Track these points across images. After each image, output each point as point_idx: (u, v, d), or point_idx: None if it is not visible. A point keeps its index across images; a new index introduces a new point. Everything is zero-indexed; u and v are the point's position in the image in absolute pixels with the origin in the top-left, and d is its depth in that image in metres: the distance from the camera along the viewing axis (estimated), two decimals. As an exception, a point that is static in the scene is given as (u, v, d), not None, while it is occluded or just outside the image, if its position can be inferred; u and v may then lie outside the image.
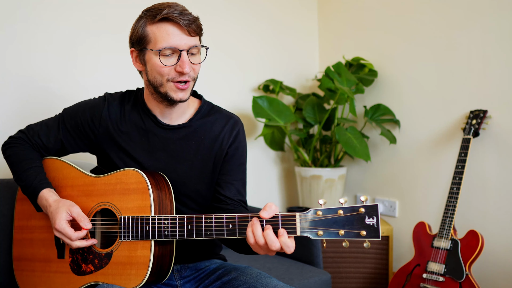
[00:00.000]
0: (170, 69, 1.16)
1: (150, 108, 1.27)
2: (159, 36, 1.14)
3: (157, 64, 1.16)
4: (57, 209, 1.16)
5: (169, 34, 1.14)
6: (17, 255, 1.35)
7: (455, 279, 1.85)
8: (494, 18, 2.01)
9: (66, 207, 1.16)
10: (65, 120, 1.30)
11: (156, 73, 1.17)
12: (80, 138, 1.30)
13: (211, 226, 1.06)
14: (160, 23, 1.15)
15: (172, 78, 1.17)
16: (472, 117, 2.02)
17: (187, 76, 1.17)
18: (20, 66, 1.76)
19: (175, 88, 1.18)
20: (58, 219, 1.14)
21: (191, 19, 1.15)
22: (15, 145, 1.30)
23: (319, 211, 0.97)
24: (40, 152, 1.32)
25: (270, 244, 0.97)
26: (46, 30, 1.81)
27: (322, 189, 2.39)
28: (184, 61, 1.15)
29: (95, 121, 1.28)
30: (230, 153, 1.30)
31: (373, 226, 0.93)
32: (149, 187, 1.15)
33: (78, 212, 1.16)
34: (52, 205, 1.18)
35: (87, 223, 1.16)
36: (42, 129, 1.31)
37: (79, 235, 1.14)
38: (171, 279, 1.29)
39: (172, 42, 1.14)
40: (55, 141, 1.30)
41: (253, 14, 2.52)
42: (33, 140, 1.30)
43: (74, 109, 1.32)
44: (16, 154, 1.28)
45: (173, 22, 1.14)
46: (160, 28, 1.15)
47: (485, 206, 2.06)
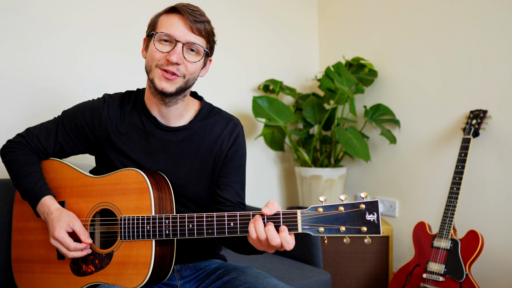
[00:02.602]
0: (162, 55, 1.16)
1: (150, 109, 1.27)
2: (164, 23, 1.17)
3: (152, 48, 1.17)
4: (59, 218, 1.17)
5: (172, 24, 1.16)
6: (16, 257, 1.34)
7: (455, 279, 1.85)
8: (494, 18, 2.01)
9: (68, 218, 1.17)
10: (64, 122, 1.30)
11: (149, 57, 1.19)
12: (79, 140, 1.30)
13: (212, 225, 1.07)
14: (170, 13, 1.18)
15: (160, 65, 1.16)
16: (472, 117, 2.02)
17: (175, 68, 1.16)
18: (21, 67, 1.76)
19: (161, 76, 1.17)
20: (58, 228, 1.15)
21: (200, 19, 1.17)
22: (14, 149, 1.29)
23: (320, 208, 0.98)
24: (39, 155, 1.31)
25: (270, 239, 0.98)
26: (47, 31, 1.81)
27: (322, 189, 2.39)
28: (176, 51, 1.15)
29: (95, 123, 1.27)
30: (230, 156, 1.30)
31: (373, 222, 0.95)
32: (149, 187, 1.14)
33: (80, 227, 1.17)
34: (54, 213, 1.18)
35: (87, 238, 1.17)
36: (41, 133, 1.30)
37: (78, 246, 1.15)
38: (171, 279, 1.29)
39: (171, 30, 1.15)
40: (54, 144, 1.30)
41: (253, 14, 2.52)
42: (32, 144, 1.29)
43: (73, 111, 1.31)
44: (16, 159, 1.27)
45: (180, 15, 1.16)
46: (167, 17, 1.18)
47: (485, 206, 2.06)
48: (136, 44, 1.61)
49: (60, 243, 1.15)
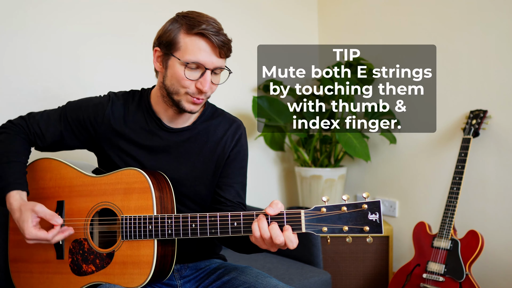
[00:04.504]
0: (191, 82, 1.16)
1: (156, 110, 1.27)
2: (191, 49, 1.14)
3: (180, 75, 1.15)
4: (21, 216, 1.11)
5: (201, 50, 1.14)
6: (13, 257, 1.32)
7: (455, 279, 1.85)
8: (494, 18, 2.01)
9: (29, 211, 1.11)
10: (68, 112, 1.28)
11: (176, 81, 1.17)
12: (80, 132, 1.28)
13: (216, 224, 1.07)
14: (195, 36, 1.14)
15: (191, 93, 1.17)
16: (472, 117, 2.02)
17: (204, 95, 1.19)
18: (21, 68, 1.75)
19: (190, 101, 1.19)
20: (26, 228, 1.10)
21: (225, 41, 1.17)
22: (10, 132, 1.25)
23: (323, 208, 1.00)
24: (35, 141, 1.27)
25: (274, 237, 0.99)
26: (47, 32, 1.81)
27: (322, 189, 2.39)
28: (207, 80, 1.16)
29: (98, 118, 1.27)
30: (232, 156, 1.31)
31: (375, 221, 0.96)
32: (151, 186, 1.14)
33: (44, 211, 1.11)
34: (16, 213, 1.12)
35: (57, 219, 1.12)
36: (43, 118, 1.28)
37: (54, 233, 1.11)
38: (171, 278, 1.29)
39: (201, 58, 1.14)
40: (54, 132, 1.27)
41: (254, 14, 2.52)
42: (31, 128, 1.26)
43: (78, 103, 1.30)
44: (6, 142, 1.22)
45: (207, 40, 1.14)
46: (193, 41, 1.14)
47: (485, 206, 2.06)
48: (140, 48, 1.60)
49: (37, 240, 1.11)
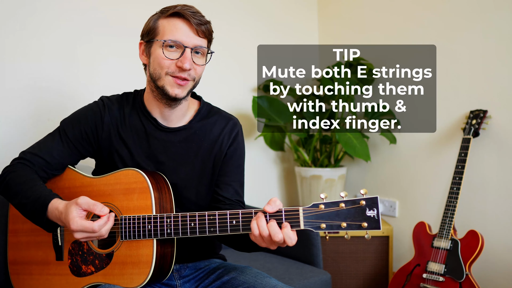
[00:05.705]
0: (171, 62, 1.16)
1: (150, 110, 1.27)
2: (168, 29, 1.16)
3: (160, 56, 1.16)
4: (67, 211, 1.08)
5: (178, 29, 1.16)
6: (12, 259, 1.32)
7: (455, 279, 1.85)
8: (494, 18, 2.01)
9: (73, 205, 1.08)
10: (66, 130, 1.25)
11: (157, 64, 1.18)
12: (82, 145, 1.26)
13: (215, 223, 1.07)
14: (171, 18, 1.17)
15: (171, 72, 1.17)
16: (472, 117, 2.02)
17: (187, 73, 1.17)
18: (22, 69, 1.76)
19: (173, 83, 1.18)
20: (71, 220, 1.06)
21: (203, 21, 1.18)
22: (14, 170, 1.20)
23: (321, 205, 1.00)
24: (44, 171, 1.23)
25: (273, 235, 0.99)
26: (48, 32, 1.81)
27: (322, 189, 2.39)
28: (186, 57, 1.15)
29: (98, 127, 1.26)
30: (229, 155, 1.31)
31: (373, 217, 0.97)
32: (150, 186, 1.14)
33: (87, 202, 1.08)
34: (63, 212, 1.09)
35: (102, 208, 1.09)
36: (40, 149, 1.23)
37: (100, 223, 1.07)
38: (171, 278, 1.29)
39: (178, 36, 1.15)
40: (59, 156, 1.23)
41: (254, 14, 2.52)
42: (33, 161, 1.21)
43: (74, 118, 1.27)
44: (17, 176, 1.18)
45: (183, 19, 1.16)
46: (170, 22, 1.17)
47: (485, 206, 2.06)
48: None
49: (84, 231, 1.07)
